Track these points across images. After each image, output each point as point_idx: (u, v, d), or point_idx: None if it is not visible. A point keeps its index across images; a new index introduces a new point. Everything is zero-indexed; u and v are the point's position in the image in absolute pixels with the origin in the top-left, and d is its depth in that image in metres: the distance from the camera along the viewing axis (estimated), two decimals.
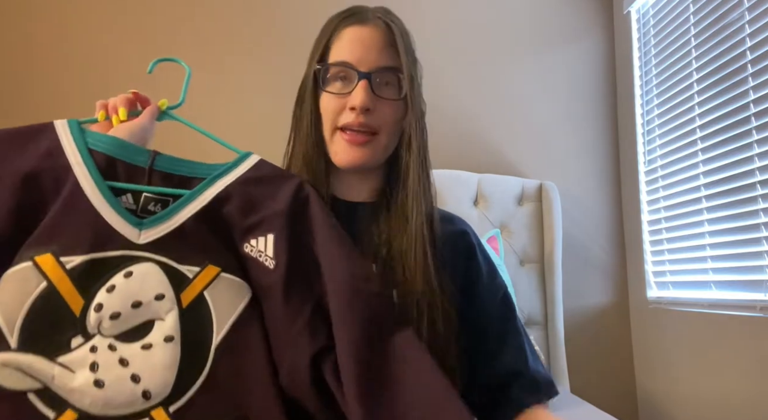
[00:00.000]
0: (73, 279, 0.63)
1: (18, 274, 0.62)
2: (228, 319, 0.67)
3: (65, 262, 0.63)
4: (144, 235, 0.67)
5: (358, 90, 0.79)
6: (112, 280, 0.64)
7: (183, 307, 0.66)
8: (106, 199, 0.67)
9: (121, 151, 0.72)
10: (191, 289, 0.67)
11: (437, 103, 2.16)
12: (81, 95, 2.01)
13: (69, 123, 0.73)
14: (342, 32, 0.83)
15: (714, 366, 1.70)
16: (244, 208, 0.72)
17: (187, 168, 0.74)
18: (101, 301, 0.63)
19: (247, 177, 0.75)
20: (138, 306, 0.64)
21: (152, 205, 0.71)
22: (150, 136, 0.79)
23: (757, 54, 1.55)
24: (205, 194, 0.72)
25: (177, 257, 0.67)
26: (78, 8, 2.02)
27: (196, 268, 0.68)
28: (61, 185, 0.67)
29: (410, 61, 0.84)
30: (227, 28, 2.03)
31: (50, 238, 0.64)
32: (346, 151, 0.82)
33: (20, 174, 0.66)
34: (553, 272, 2.00)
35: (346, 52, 0.81)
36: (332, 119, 0.82)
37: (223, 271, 0.69)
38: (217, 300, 0.67)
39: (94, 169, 0.69)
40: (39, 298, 0.61)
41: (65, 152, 0.69)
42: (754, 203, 1.55)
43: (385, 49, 0.82)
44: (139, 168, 0.72)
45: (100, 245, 0.65)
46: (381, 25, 0.83)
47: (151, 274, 0.66)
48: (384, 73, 0.81)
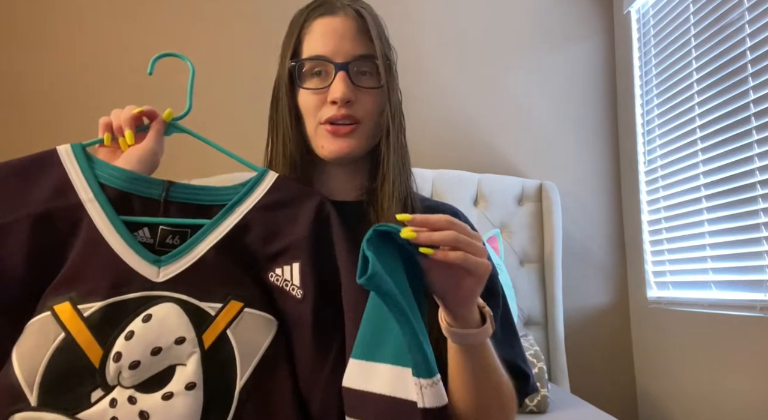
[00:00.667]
0: (92, 327, 0.61)
1: (37, 325, 0.61)
2: (252, 359, 0.65)
3: (83, 309, 0.62)
4: (163, 272, 0.65)
5: (337, 82, 0.78)
6: (131, 325, 0.62)
7: (205, 348, 0.63)
8: (122, 237, 0.65)
9: (134, 184, 0.69)
10: (213, 328, 0.64)
11: (437, 103, 2.17)
12: (79, 97, 2.01)
13: (74, 151, 0.70)
14: (312, 25, 0.81)
15: (714, 366, 1.70)
16: (265, 235, 0.70)
17: (203, 195, 0.71)
18: (120, 349, 0.61)
19: (265, 202, 0.72)
20: (158, 352, 0.62)
21: (170, 238, 0.68)
22: (160, 154, 0.76)
23: (757, 54, 1.55)
24: (224, 223, 0.69)
25: (198, 294, 0.65)
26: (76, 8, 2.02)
27: (218, 304, 0.65)
28: (76, 225, 0.66)
29: (385, 47, 0.82)
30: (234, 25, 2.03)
31: (69, 284, 0.63)
32: (331, 143, 0.80)
33: (32, 216, 0.64)
34: (553, 272, 2.00)
35: (320, 45, 0.79)
36: (314, 115, 0.80)
37: (246, 305, 0.66)
38: (240, 338, 0.65)
39: (108, 206, 0.66)
40: (57, 351, 0.60)
41: (76, 188, 0.67)
42: (754, 203, 1.55)
43: (358, 37, 0.80)
44: (154, 200, 0.69)
45: (119, 288, 0.63)
46: (351, 13, 0.81)
47: (171, 316, 0.63)
48: (361, 61, 0.80)
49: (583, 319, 2.15)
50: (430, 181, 1.98)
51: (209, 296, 0.65)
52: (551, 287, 2.00)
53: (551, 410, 1.62)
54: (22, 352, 0.60)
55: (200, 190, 0.72)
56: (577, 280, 2.15)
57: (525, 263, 2.02)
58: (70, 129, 1.98)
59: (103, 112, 0.78)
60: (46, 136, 1.97)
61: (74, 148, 0.70)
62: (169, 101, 0.83)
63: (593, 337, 2.15)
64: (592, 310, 2.17)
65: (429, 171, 2.00)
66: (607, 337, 2.16)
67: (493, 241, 1.91)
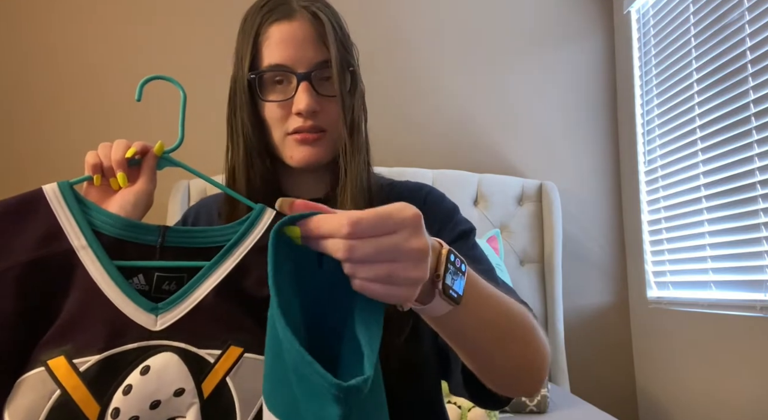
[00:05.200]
0: (88, 383, 0.59)
1: (31, 381, 0.58)
2: (253, 406, 0.63)
3: (79, 364, 0.59)
4: (161, 320, 0.63)
5: (301, 94, 0.77)
6: (128, 379, 0.60)
7: (204, 397, 0.62)
8: (117, 285, 0.63)
9: (130, 231, 0.67)
10: (213, 376, 0.62)
11: (437, 104, 2.17)
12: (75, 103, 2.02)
13: (62, 192, 0.66)
14: (269, 31, 0.78)
15: (714, 366, 1.70)
16: (262, 278, 0.67)
17: (200, 237, 0.69)
18: (118, 405, 0.59)
19: (263, 243, 0.69)
20: (157, 406, 0.60)
21: (166, 284, 0.66)
22: (153, 191, 0.74)
23: (757, 54, 1.55)
24: (223, 266, 0.67)
25: (197, 341, 0.63)
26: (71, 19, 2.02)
27: (218, 351, 0.63)
28: (68, 273, 0.63)
29: (343, 51, 0.80)
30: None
31: (63, 336, 0.60)
32: (299, 151, 0.80)
33: (21, 265, 0.62)
34: (553, 272, 2.00)
35: (277, 54, 0.77)
36: (280, 126, 0.80)
37: (246, 350, 0.64)
38: (240, 385, 0.63)
39: (102, 253, 0.64)
40: (53, 410, 0.58)
41: (67, 235, 0.64)
42: (754, 203, 1.55)
43: (317, 43, 0.78)
44: (150, 246, 0.67)
45: (116, 339, 0.61)
46: (308, 17, 0.78)
47: (169, 367, 0.61)
48: (322, 69, 0.78)
49: (583, 319, 2.15)
50: (430, 181, 1.98)
51: (208, 343, 0.63)
52: (551, 287, 2.00)
53: (551, 410, 1.62)
54: (15, 412, 0.58)
55: (197, 233, 0.70)
56: (577, 280, 2.15)
57: (525, 263, 2.02)
58: (72, 130, 1.99)
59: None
60: (49, 137, 1.98)
61: (62, 188, 0.66)
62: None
63: (593, 337, 2.15)
64: (592, 310, 2.17)
65: (429, 171, 2.00)
66: (607, 337, 2.16)
67: (493, 241, 1.91)
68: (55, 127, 1.99)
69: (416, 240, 0.48)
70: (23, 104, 1.98)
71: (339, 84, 0.78)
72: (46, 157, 1.96)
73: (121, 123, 2.00)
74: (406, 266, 0.48)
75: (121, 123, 2.00)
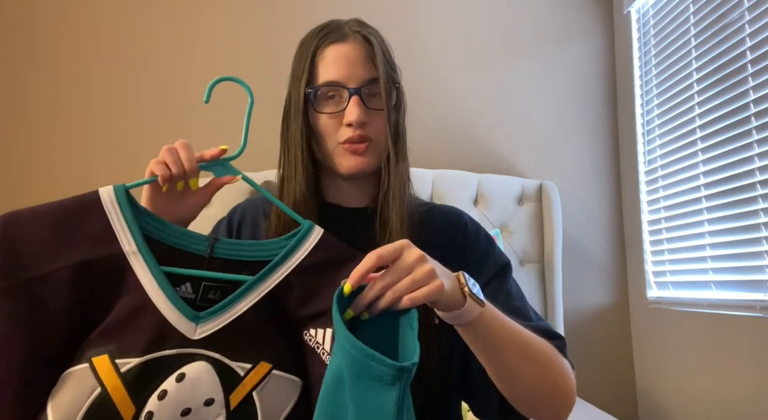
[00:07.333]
0: (127, 384, 0.61)
1: (75, 376, 0.61)
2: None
3: (121, 364, 0.62)
4: (200, 329, 0.65)
5: (352, 106, 0.85)
6: (164, 384, 0.62)
7: (231, 409, 0.64)
8: (164, 292, 0.65)
9: (181, 240, 0.70)
10: (241, 388, 0.65)
11: (437, 103, 2.17)
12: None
13: (117, 196, 0.68)
14: (325, 52, 0.87)
15: (714, 366, 1.70)
16: (303, 297, 0.70)
17: (248, 251, 0.72)
18: (152, 409, 0.61)
19: (307, 263, 0.72)
20: (187, 413, 0.62)
21: (212, 293, 0.69)
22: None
23: (757, 54, 1.55)
24: (266, 283, 0.70)
25: (230, 353, 0.65)
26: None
27: (249, 364, 0.66)
28: (118, 276, 0.65)
29: (390, 70, 0.90)
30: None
31: (109, 336, 0.63)
32: (348, 160, 0.87)
33: (73, 266, 0.64)
34: (553, 272, 2.00)
35: (333, 71, 0.86)
36: (332, 136, 0.87)
37: (275, 367, 0.66)
38: (265, 401, 0.65)
39: (152, 259, 0.66)
40: (92, 407, 0.60)
41: (119, 238, 0.67)
42: (754, 203, 1.55)
43: (367, 62, 0.87)
44: (199, 256, 0.70)
45: (157, 344, 0.63)
46: (360, 40, 0.88)
47: (203, 377, 0.64)
48: (371, 85, 0.87)
49: (583, 319, 2.15)
50: (430, 181, 1.98)
51: (241, 356, 0.66)
52: (551, 287, 2.00)
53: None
54: (58, 405, 0.60)
55: (245, 246, 0.73)
56: (577, 280, 2.15)
57: (525, 263, 2.02)
58: (70, 131, 1.98)
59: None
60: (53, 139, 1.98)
61: (117, 192, 0.69)
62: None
63: (593, 337, 2.15)
64: (592, 310, 2.17)
65: (429, 171, 2.00)
66: (607, 337, 2.16)
67: None
68: (56, 127, 1.99)
69: (409, 255, 0.64)
70: (24, 104, 1.98)
71: (386, 99, 0.87)
72: (48, 159, 1.96)
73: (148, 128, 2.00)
74: (417, 270, 0.63)
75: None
